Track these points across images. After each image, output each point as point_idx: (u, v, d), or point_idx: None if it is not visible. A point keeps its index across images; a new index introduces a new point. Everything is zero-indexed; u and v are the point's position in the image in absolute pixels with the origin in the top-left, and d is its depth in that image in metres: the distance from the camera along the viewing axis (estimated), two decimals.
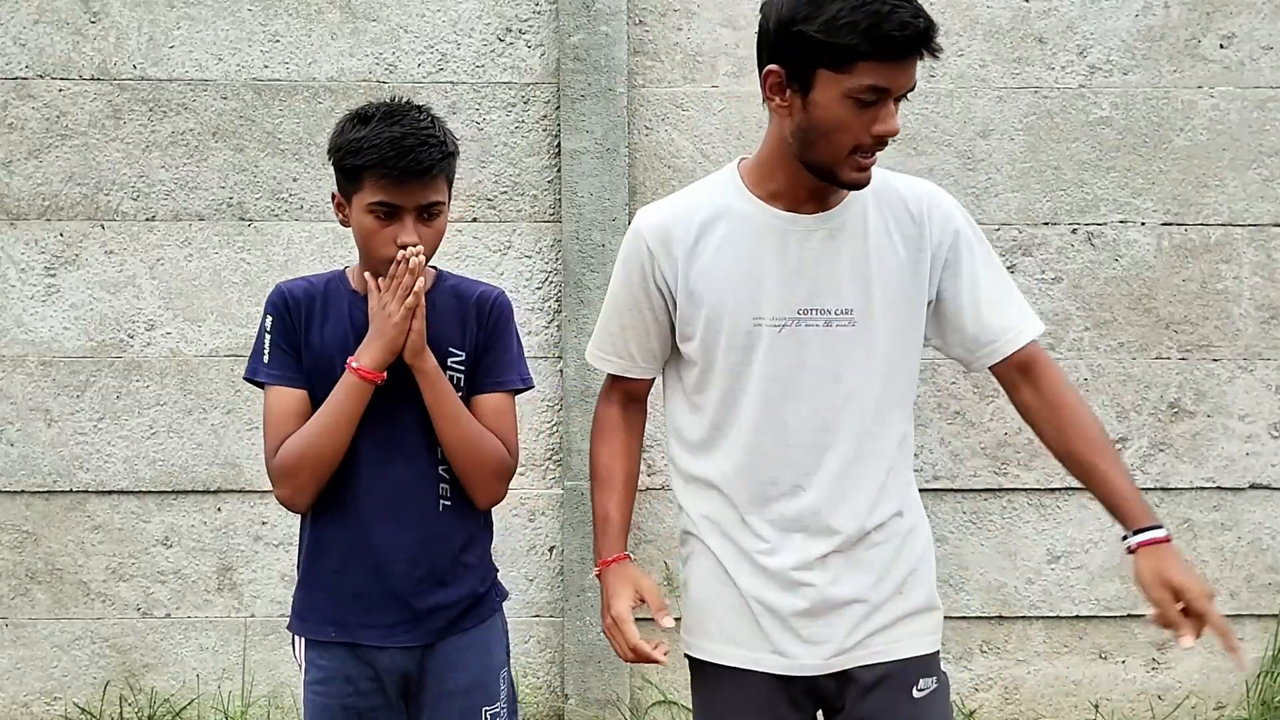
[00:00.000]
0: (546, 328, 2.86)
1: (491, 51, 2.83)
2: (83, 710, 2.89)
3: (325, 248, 2.83)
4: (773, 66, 1.44)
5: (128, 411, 2.84)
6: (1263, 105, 2.84)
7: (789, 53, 1.41)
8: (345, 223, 1.68)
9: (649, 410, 1.74)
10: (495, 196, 2.85)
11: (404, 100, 1.67)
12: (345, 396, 1.61)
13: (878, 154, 1.45)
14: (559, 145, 2.81)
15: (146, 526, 2.86)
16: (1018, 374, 1.58)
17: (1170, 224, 2.86)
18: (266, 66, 2.82)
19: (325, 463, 1.62)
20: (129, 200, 2.83)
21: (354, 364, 1.60)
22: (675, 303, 1.56)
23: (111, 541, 2.86)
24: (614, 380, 1.69)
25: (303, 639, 1.72)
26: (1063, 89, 2.84)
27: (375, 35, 2.82)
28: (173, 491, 2.86)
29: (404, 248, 1.60)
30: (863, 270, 1.51)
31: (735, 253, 1.52)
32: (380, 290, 1.61)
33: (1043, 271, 2.86)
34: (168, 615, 2.88)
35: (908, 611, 1.57)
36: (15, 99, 2.81)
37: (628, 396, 1.70)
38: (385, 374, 1.61)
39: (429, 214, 1.63)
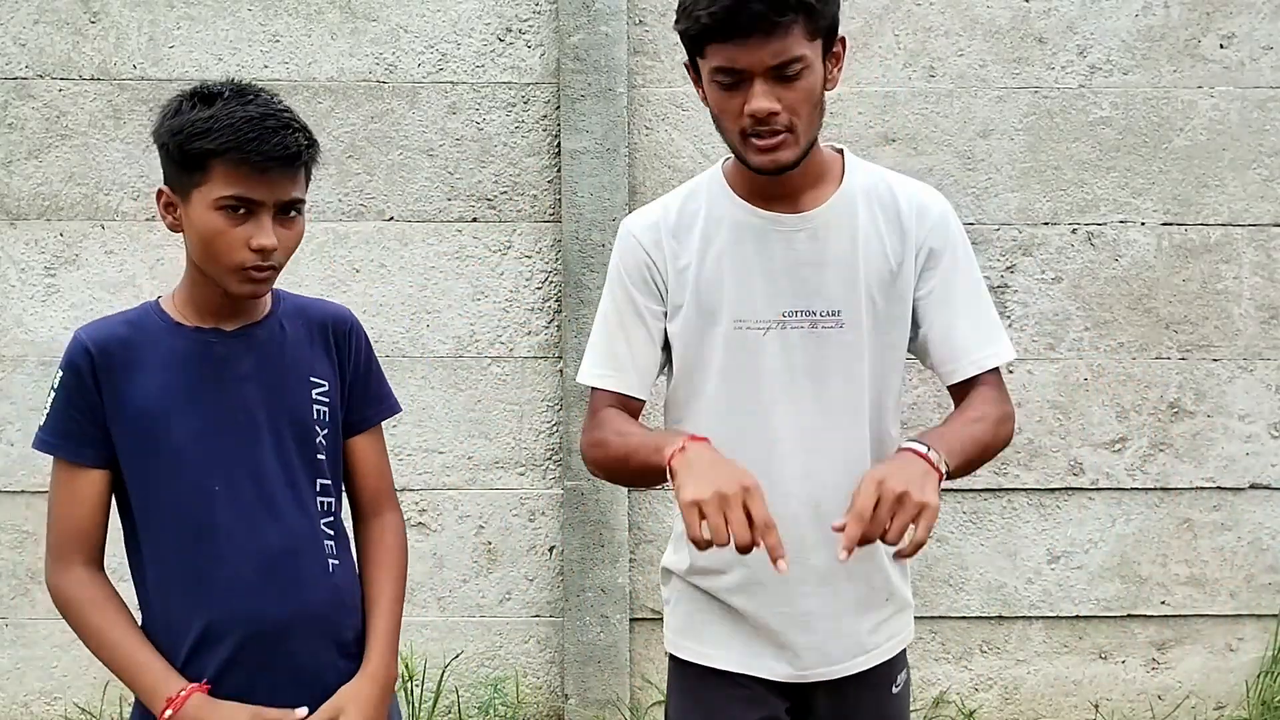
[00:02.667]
0: (546, 328, 2.86)
1: (491, 51, 2.83)
2: (83, 710, 2.89)
3: (325, 248, 2.83)
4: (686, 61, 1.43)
5: None
6: (1263, 105, 2.84)
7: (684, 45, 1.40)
8: (175, 226, 1.37)
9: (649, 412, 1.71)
10: (495, 196, 2.85)
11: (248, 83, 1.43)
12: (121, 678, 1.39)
13: (783, 135, 1.35)
14: (559, 145, 2.81)
15: None
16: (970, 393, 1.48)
17: (1170, 224, 2.86)
18: (266, 66, 2.81)
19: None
20: (129, 200, 2.83)
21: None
22: (667, 306, 1.50)
23: (111, 541, 2.85)
24: (610, 397, 1.52)
25: None
26: (1063, 89, 2.84)
27: (375, 35, 2.82)
28: None
29: (260, 252, 1.32)
30: (850, 271, 1.45)
31: (718, 254, 1.46)
32: None
33: (1043, 271, 2.86)
34: None
35: (892, 614, 1.56)
36: (15, 99, 2.81)
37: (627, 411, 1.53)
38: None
39: (289, 213, 1.37)
